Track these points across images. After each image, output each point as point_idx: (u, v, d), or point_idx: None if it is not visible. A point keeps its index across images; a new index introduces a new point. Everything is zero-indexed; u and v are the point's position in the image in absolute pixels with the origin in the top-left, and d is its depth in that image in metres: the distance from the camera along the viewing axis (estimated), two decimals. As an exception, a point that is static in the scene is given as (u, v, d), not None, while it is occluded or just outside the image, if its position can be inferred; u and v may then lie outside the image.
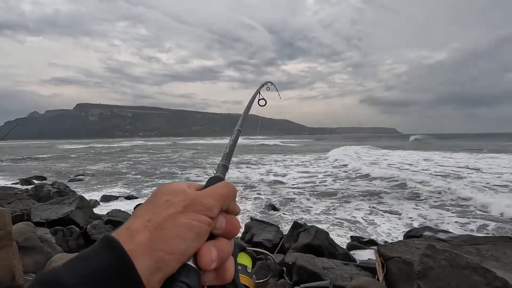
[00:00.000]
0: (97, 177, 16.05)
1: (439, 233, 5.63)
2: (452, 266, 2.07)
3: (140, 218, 0.36)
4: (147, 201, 0.39)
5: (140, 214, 0.37)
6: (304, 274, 3.33)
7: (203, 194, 0.39)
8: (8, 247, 2.92)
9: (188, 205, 0.36)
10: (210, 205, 0.37)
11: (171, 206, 0.36)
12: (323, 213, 8.30)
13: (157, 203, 0.37)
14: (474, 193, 9.45)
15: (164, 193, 0.39)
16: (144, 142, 76.55)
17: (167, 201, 0.37)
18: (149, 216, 0.36)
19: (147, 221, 0.35)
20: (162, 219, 0.35)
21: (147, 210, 0.37)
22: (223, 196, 0.39)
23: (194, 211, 0.36)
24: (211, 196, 0.38)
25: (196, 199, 0.37)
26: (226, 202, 0.40)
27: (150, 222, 0.35)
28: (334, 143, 57.60)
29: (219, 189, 0.40)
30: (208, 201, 0.37)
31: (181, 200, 0.37)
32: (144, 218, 0.36)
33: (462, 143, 52.54)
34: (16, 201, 6.79)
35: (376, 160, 22.45)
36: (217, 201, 0.38)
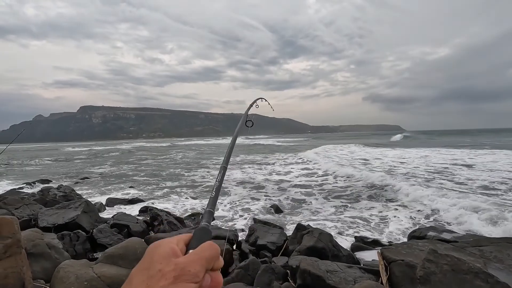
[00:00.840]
0: (103, 180, 16.19)
1: (443, 233, 5.63)
2: (454, 271, 2.09)
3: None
4: (142, 266, 0.44)
5: (135, 284, 0.41)
6: (308, 278, 3.35)
7: (190, 261, 0.43)
8: (17, 255, 2.98)
9: (178, 276, 0.41)
10: (197, 271, 0.42)
11: (163, 277, 0.41)
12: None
13: (151, 273, 0.42)
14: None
15: (157, 260, 0.43)
16: (144, 144, 76.52)
17: (160, 271, 0.42)
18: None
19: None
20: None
21: (142, 280, 0.42)
22: (208, 259, 0.45)
23: (183, 281, 0.41)
24: (197, 262, 0.43)
25: (185, 268, 0.42)
26: (210, 264, 0.45)
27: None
28: (326, 141, 58.86)
29: (204, 253, 0.45)
30: (195, 268, 0.43)
31: (172, 270, 0.42)
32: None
33: (461, 139, 52.37)
34: (23, 206, 6.91)
35: (342, 158, 23.25)
36: (203, 266, 0.44)
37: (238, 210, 8.92)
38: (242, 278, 3.76)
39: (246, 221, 7.75)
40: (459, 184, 11.36)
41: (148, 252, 0.46)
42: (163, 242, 0.47)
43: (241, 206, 9.35)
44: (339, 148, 34.60)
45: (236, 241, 5.56)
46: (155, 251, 0.45)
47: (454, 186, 11.06)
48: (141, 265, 0.44)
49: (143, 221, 6.35)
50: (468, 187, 10.75)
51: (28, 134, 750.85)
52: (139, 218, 6.52)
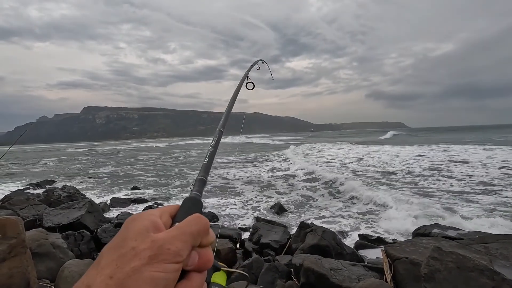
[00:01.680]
0: (107, 180, 16.29)
1: (448, 230, 5.57)
2: (459, 269, 2.06)
3: (103, 272, 0.34)
4: (114, 243, 0.36)
5: (103, 265, 0.34)
6: (311, 276, 3.34)
7: (171, 237, 0.36)
8: (22, 255, 3.00)
9: (154, 255, 0.34)
10: (179, 250, 0.35)
11: (136, 257, 0.34)
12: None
13: (122, 251, 0.35)
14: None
15: (131, 236, 0.36)
16: (144, 144, 76.59)
17: (133, 248, 0.35)
18: (112, 270, 0.34)
19: (109, 278, 0.34)
20: (125, 275, 0.33)
21: (111, 259, 0.34)
22: (194, 234, 0.37)
23: (160, 261, 0.34)
24: (180, 238, 0.36)
25: (163, 246, 0.35)
26: (197, 240, 0.37)
27: (112, 280, 0.34)
28: (318, 139, 59.71)
29: (189, 228, 0.37)
30: (177, 246, 0.35)
31: (147, 248, 0.34)
32: (107, 272, 0.34)
33: (462, 135, 52.22)
34: (28, 207, 6.97)
35: (323, 157, 23.75)
36: (187, 242, 0.36)
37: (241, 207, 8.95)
38: (245, 277, 3.76)
39: (249, 220, 7.76)
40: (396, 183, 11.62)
41: (123, 227, 0.38)
42: (143, 214, 0.39)
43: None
44: (324, 147, 35.29)
45: (239, 240, 5.56)
46: (131, 225, 0.37)
47: (393, 184, 11.37)
48: (113, 241, 0.37)
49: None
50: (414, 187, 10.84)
51: (33, 135, 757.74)
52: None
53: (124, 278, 0.33)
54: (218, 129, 0.70)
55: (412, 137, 54.11)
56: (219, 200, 9.96)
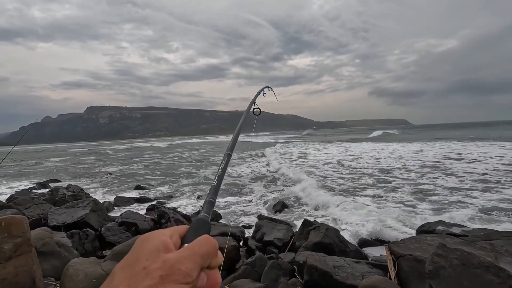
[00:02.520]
0: (112, 179, 16.38)
1: (452, 227, 5.54)
2: (464, 265, 2.05)
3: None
4: (126, 262, 0.38)
5: (116, 283, 0.35)
6: (315, 274, 3.34)
7: (182, 258, 0.37)
8: (27, 253, 3.03)
9: (166, 275, 0.35)
10: (189, 271, 0.36)
11: (147, 276, 0.35)
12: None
13: (135, 271, 0.36)
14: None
15: (143, 256, 0.37)
16: (143, 144, 76.50)
17: (145, 268, 0.35)
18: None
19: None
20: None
21: (124, 278, 0.35)
22: (203, 256, 0.38)
23: (172, 281, 0.35)
24: (190, 259, 0.37)
25: (174, 266, 0.36)
26: (206, 261, 0.38)
27: None
28: (312, 138, 59.23)
29: (199, 249, 0.38)
30: (187, 267, 0.36)
31: (158, 268, 0.35)
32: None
33: (463, 132, 51.95)
34: (33, 206, 7.03)
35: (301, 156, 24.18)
36: (197, 263, 0.37)
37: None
38: (249, 274, 3.76)
39: (252, 217, 7.77)
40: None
41: (135, 246, 0.39)
42: (154, 234, 0.40)
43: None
44: (304, 147, 35.74)
45: (242, 238, 5.58)
46: (143, 245, 0.38)
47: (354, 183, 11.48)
48: (126, 260, 0.38)
49: (150, 219, 6.41)
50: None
51: (37, 135, 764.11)
52: (147, 217, 6.58)
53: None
54: (227, 152, 0.71)
55: (395, 136, 54.16)
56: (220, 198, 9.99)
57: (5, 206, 6.95)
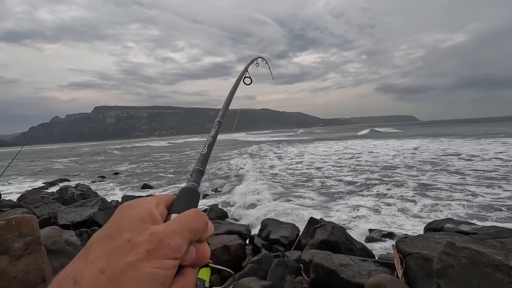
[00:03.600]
0: (119, 178, 16.57)
1: (461, 225, 5.46)
2: (474, 264, 2.01)
3: (93, 265, 0.30)
4: (106, 233, 0.32)
5: (94, 257, 0.30)
6: (321, 272, 3.33)
7: (171, 231, 0.33)
8: (37, 252, 3.08)
9: (153, 250, 0.31)
10: (178, 245, 0.32)
11: (132, 250, 0.31)
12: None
13: (116, 243, 0.31)
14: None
15: (127, 226, 0.32)
16: (141, 144, 76.66)
17: (129, 241, 0.31)
18: (105, 264, 0.30)
19: (100, 273, 0.29)
20: (120, 270, 0.30)
21: (103, 252, 0.31)
22: (193, 231, 0.35)
23: (159, 257, 0.31)
24: (180, 233, 0.33)
25: (163, 240, 0.32)
26: (196, 236, 0.35)
27: (105, 275, 0.29)
28: (307, 137, 58.54)
29: (188, 223, 0.35)
30: (176, 242, 0.32)
31: (145, 241, 0.31)
32: (98, 266, 0.30)
33: (464, 129, 51.11)
34: (43, 205, 7.16)
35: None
36: (186, 238, 0.34)
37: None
38: (255, 273, 3.77)
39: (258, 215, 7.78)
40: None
41: (116, 214, 0.34)
42: (138, 202, 0.36)
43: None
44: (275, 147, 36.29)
45: (248, 236, 5.58)
46: (126, 214, 0.34)
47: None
48: (105, 230, 0.33)
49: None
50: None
51: (46, 135, 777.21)
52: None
53: (119, 274, 0.29)
54: (217, 120, 0.68)
55: (382, 134, 53.88)
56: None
57: (15, 205, 7.10)
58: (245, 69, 1.07)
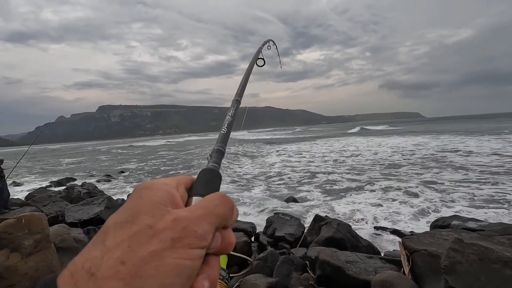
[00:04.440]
0: (124, 177, 16.71)
1: (468, 221, 5.42)
2: (482, 261, 2.00)
3: (111, 255, 0.27)
4: (124, 217, 0.28)
5: (111, 245, 0.27)
6: (327, 269, 3.33)
7: (197, 218, 0.29)
8: (47, 249, 3.14)
9: (178, 238, 0.27)
10: (205, 233, 0.29)
11: (154, 238, 0.27)
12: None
13: (136, 228, 0.27)
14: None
15: (147, 210, 0.29)
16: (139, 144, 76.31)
17: (150, 227, 0.27)
18: (124, 254, 0.27)
19: (120, 263, 0.26)
20: (142, 261, 0.27)
21: (121, 239, 0.27)
22: (219, 217, 0.31)
23: (185, 246, 0.27)
24: (206, 219, 0.30)
25: (188, 227, 0.28)
26: (222, 222, 0.32)
27: (125, 266, 0.26)
28: (305, 136, 58.06)
29: (215, 208, 0.31)
30: (203, 229, 0.29)
31: (168, 228, 0.28)
32: (117, 255, 0.27)
33: (465, 125, 50.59)
34: (51, 204, 7.26)
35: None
36: (212, 225, 0.30)
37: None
38: (261, 269, 3.79)
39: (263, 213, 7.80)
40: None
41: (134, 196, 0.30)
42: (157, 183, 0.32)
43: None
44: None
45: (254, 233, 5.60)
46: (144, 195, 0.30)
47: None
48: (122, 213, 0.29)
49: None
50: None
51: (52, 135, 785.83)
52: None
53: (141, 265, 0.26)
54: (235, 98, 0.66)
55: (369, 132, 53.79)
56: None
57: (24, 204, 7.21)
58: (258, 50, 1.07)
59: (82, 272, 0.26)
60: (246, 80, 0.79)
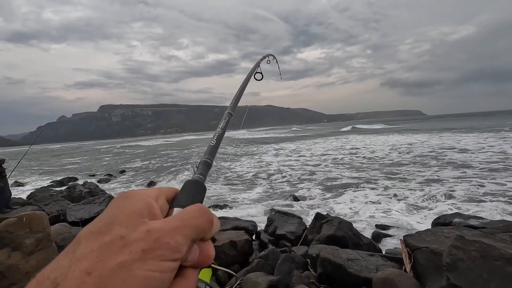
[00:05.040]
0: (126, 176, 16.74)
1: (470, 219, 5.40)
2: (484, 258, 1.99)
3: (79, 265, 0.26)
4: (97, 227, 0.28)
5: (80, 255, 0.26)
6: (328, 266, 3.33)
7: (170, 229, 0.28)
8: (48, 248, 3.14)
9: (149, 250, 0.27)
10: (178, 245, 0.28)
11: (124, 249, 0.26)
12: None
13: (107, 239, 0.27)
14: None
15: (121, 220, 0.28)
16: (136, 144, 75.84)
17: (121, 238, 0.27)
18: (92, 264, 0.26)
19: (86, 274, 0.26)
20: (110, 272, 0.26)
21: (91, 249, 0.26)
22: (196, 229, 0.30)
23: (156, 257, 0.27)
24: (181, 231, 0.29)
25: (160, 239, 0.27)
26: (200, 235, 0.30)
27: (91, 277, 0.26)
28: (304, 134, 57.76)
29: (191, 220, 0.30)
30: (176, 240, 0.28)
31: (140, 239, 0.27)
32: (84, 266, 0.26)
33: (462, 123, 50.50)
34: (52, 203, 7.28)
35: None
36: (188, 237, 0.29)
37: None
38: (262, 268, 3.78)
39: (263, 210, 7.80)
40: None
41: (110, 205, 0.30)
42: (136, 193, 0.31)
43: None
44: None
45: (255, 232, 5.60)
46: (120, 205, 0.29)
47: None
48: (96, 223, 0.28)
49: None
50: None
51: (53, 134, 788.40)
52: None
53: (108, 276, 0.26)
54: (228, 111, 0.65)
55: (358, 131, 53.90)
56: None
57: (25, 203, 7.23)
58: (256, 64, 1.07)
59: (47, 282, 0.26)
60: (241, 93, 0.79)
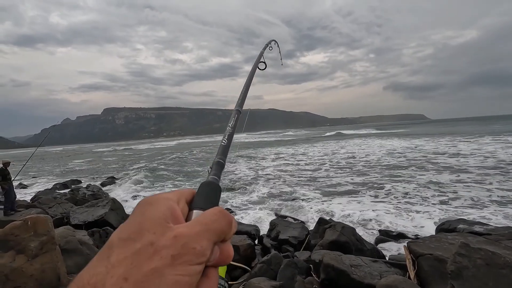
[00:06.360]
0: (130, 178, 16.78)
1: (474, 225, 5.34)
2: (489, 266, 1.97)
3: (115, 272, 0.29)
4: (127, 234, 0.30)
5: (115, 261, 0.29)
6: (331, 272, 3.31)
7: (196, 234, 0.31)
8: (52, 251, 3.16)
9: (178, 255, 0.30)
10: (204, 249, 0.31)
11: (155, 255, 0.30)
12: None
13: (138, 246, 0.30)
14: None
15: (149, 226, 0.30)
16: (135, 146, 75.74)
17: (151, 244, 0.30)
18: (127, 270, 0.29)
19: (123, 280, 0.29)
20: (144, 277, 0.29)
21: (125, 256, 0.30)
22: (218, 232, 0.32)
23: (185, 263, 0.30)
24: (205, 235, 0.31)
25: (188, 245, 0.30)
26: (221, 237, 0.33)
27: (128, 283, 0.29)
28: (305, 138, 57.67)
29: (213, 224, 0.32)
30: (202, 245, 0.30)
31: (169, 245, 0.30)
32: (120, 272, 0.29)
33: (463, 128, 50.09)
34: (56, 205, 7.33)
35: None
36: (212, 240, 0.31)
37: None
38: (265, 273, 3.77)
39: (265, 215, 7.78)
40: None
41: (137, 212, 0.32)
42: (159, 198, 0.33)
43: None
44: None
45: (257, 236, 5.59)
46: (146, 211, 0.31)
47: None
48: (126, 229, 0.30)
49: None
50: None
51: (58, 137, 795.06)
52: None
53: (143, 281, 0.29)
54: (236, 108, 0.65)
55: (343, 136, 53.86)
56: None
57: (30, 206, 7.28)
58: (260, 53, 1.05)
59: (88, 287, 0.29)
60: (248, 86, 0.78)
